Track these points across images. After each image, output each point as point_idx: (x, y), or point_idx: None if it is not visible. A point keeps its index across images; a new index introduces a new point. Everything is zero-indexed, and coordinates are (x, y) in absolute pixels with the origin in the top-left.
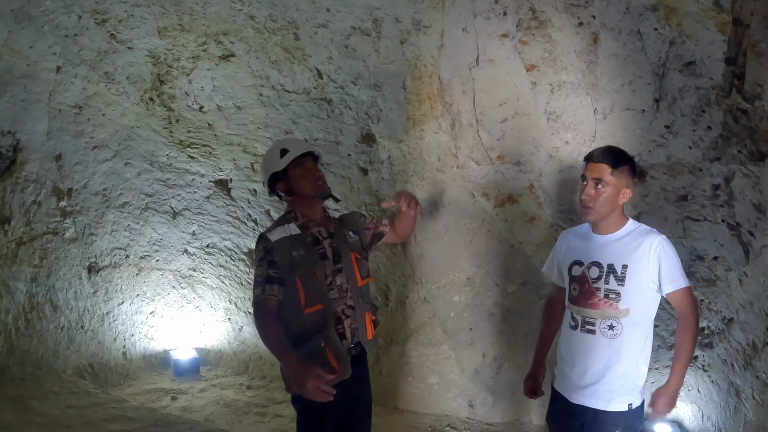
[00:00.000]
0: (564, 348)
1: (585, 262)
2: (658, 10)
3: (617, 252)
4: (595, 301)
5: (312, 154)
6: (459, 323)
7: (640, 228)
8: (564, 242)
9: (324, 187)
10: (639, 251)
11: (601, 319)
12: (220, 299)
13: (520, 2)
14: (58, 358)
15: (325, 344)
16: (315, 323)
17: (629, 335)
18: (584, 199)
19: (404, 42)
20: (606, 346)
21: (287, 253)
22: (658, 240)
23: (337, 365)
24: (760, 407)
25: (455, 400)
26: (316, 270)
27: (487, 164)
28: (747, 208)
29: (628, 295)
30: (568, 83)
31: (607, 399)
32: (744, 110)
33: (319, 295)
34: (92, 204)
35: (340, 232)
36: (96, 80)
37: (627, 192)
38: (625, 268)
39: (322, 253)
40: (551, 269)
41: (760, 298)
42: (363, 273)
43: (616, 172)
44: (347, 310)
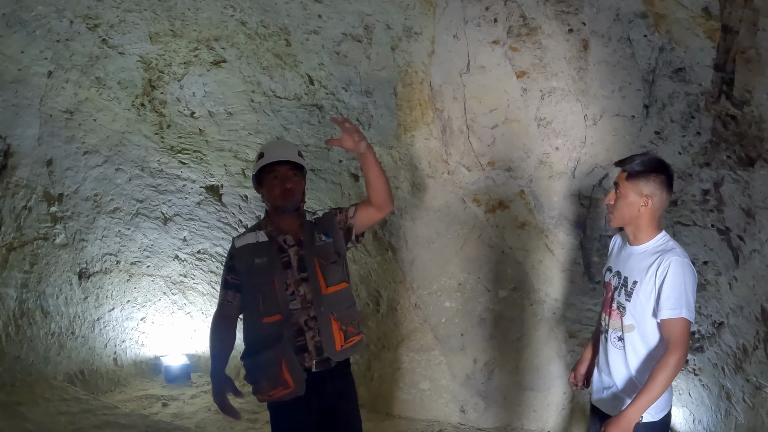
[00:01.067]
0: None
1: (613, 269)
2: (647, 17)
3: (634, 266)
4: (611, 310)
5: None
6: (450, 329)
7: (666, 245)
8: (612, 246)
9: (291, 199)
10: (650, 270)
11: (612, 329)
12: (211, 305)
13: (511, 9)
14: (49, 364)
15: (281, 358)
16: (272, 334)
17: (634, 350)
18: (607, 204)
19: (395, 48)
20: (616, 356)
21: (249, 259)
22: (672, 260)
23: (291, 381)
24: (751, 410)
25: (447, 405)
26: (276, 278)
27: (478, 170)
28: (736, 213)
29: (633, 311)
30: (558, 89)
31: (614, 406)
32: (733, 116)
33: (278, 305)
34: (83, 209)
35: (309, 236)
36: (87, 85)
37: (648, 201)
38: (634, 284)
39: (285, 261)
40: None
41: (750, 302)
42: (331, 279)
43: (632, 179)
44: (310, 322)
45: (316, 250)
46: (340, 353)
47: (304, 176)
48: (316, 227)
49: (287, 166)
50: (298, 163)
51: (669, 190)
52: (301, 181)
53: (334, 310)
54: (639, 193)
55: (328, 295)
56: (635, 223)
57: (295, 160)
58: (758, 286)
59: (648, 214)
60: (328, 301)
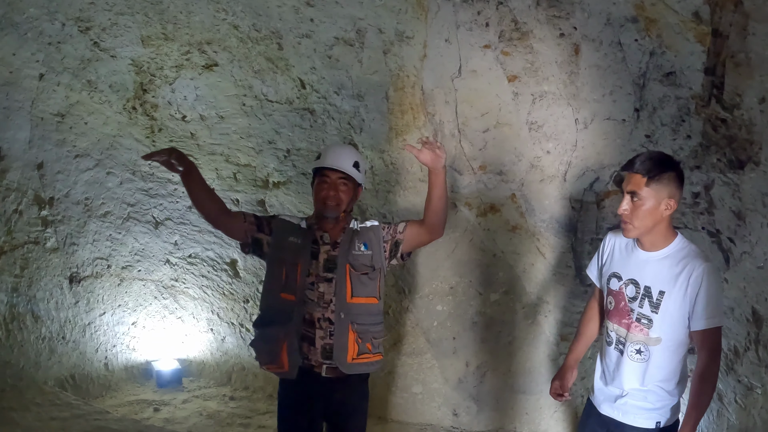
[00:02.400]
0: (599, 360)
1: (623, 277)
2: (638, 22)
3: (657, 274)
4: (628, 322)
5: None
6: (442, 332)
7: (687, 249)
8: (608, 246)
9: (332, 207)
10: (680, 278)
11: (630, 342)
12: (203, 310)
13: (503, 14)
14: (39, 369)
15: (284, 339)
16: (283, 311)
17: (658, 363)
18: (622, 215)
19: (387, 52)
20: (633, 370)
21: (285, 234)
22: (703, 267)
23: (287, 363)
24: (743, 411)
25: (439, 409)
26: (300, 262)
27: (470, 174)
28: (727, 216)
29: (661, 324)
30: (549, 93)
31: (634, 414)
32: (723, 119)
33: (295, 286)
34: (74, 213)
35: (347, 242)
36: (79, 88)
37: (671, 203)
38: (661, 294)
39: (314, 252)
40: (592, 271)
41: (741, 304)
42: (358, 290)
43: (652, 182)
44: (323, 321)
45: (350, 257)
46: (351, 366)
47: (355, 187)
48: (357, 235)
49: (339, 174)
50: (350, 174)
51: (683, 187)
52: (349, 191)
53: (355, 321)
54: (661, 198)
55: (351, 304)
56: (656, 229)
57: (346, 170)
58: (749, 288)
59: (669, 218)
60: (351, 310)
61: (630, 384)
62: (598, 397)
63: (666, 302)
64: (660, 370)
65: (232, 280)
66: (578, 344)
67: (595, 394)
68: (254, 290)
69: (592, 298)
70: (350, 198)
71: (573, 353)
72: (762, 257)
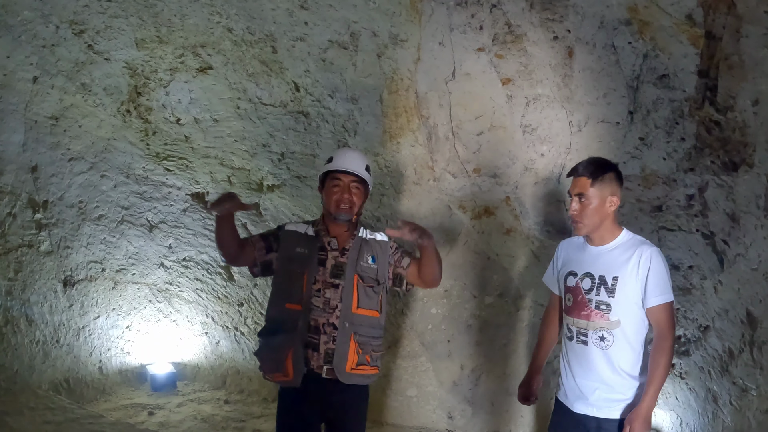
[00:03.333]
0: (564, 358)
1: (579, 272)
2: (631, 24)
3: (609, 263)
4: (588, 312)
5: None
6: (437, 335)
7: (633, 239)
8: (561, 252)
9: (345, 210)
10: (630, 263)
11: (593, 330)
12: (197, 313)
13: (496, 17)
14: (33, 372)
15: (289, 347)
16: (289, 321)
17: (621, 346)
18: (572, 215)
19: (381, 55)
20: (599, 357)
21: (292, 245)
22: (650, 251)
23: (291, 372)
24: (738, 413)
25: (434, 412)
26: (307, 271)
27: (464, 177)
28: (721, 218)
29: (619, 306)
30: (543, 96)
31: (608, 407)
32: (717, 122)
33: (301, 296)
34: (68, 216)
35: (356, 251)
36: (73, 91)
37: (613, 200)
38: (615, 279)
39: (321, 259)
40: (550, 278)
41: (735, 306)
42: (364, 302)
43: (596, 183)
44: (327, 327)
45: (359, 268)
46: (348, 375)
47: (366, 191)
48: (366, 246)
49: (351, 177)
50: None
51: (622, 185)
52: (361, 195)
53: (358, 332)
54: (605, 196)
55: (356, 314)
56: (603, 225)
57: (360, 174)
58: (743, 290)
59: (613, 214)
60: (355, 320)
61: (599, 372)
62: (569, 397)
63: (620, 286)
64: (624, 354)
65: (227, 284)
66: (540, 350)
67: (565, 395)
68: (248, 293)
69: (550, 306)
70: (362, 202)
71: (536, 360)
72: (756, 259)
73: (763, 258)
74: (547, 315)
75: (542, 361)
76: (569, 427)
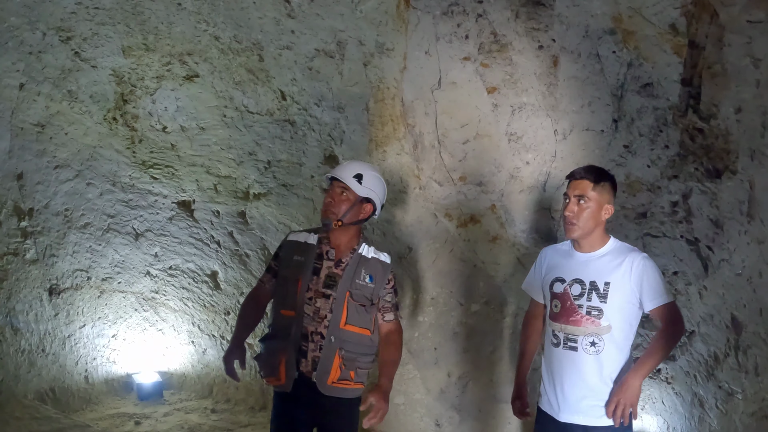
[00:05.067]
0: (547, 366)
1: (567, 279)
2: (616, 34)
3: (599, 269)
4: (577, 318)
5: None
6: (423, 343)
7: (622, 246)
8: (545, 259)
9: (327, 215)
10: (621, 269)
11: (583, 336)
12: (183, 322)
13: (482, 26)
14: (19, 382)
15: (283, 353)
16: (284, 327)
17: (611, 351)
18: (568, 216)
19: (368, 64)
20: (589, 363)
21: (291, 254)
22: (640, 258)
23: (284, 376)
24: (724, 416)
25: (422, 419)
26: (301, 278)
27: (450, 185)
28: (705, 224)
29: (610, 311)
30: (528, 105)
31: (596, 415)
32: (700, 129)
33: (294, 302)
34: (53, 224)
35: (354, 267)
36: (59, 98)
37: (609, 208)
38: (607, 285)
39: (316, 268)
40: (530, 285)
41: (720, 311)
42: (354, 319)
43: (597, 188)
44: (315, 335)
45: (352, 285)
46: (329, 388)
47: (355, 199)
48: (365, 263)
49: (339, 183)
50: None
51: (616, 196)
52: (347, 202)
53: (344, 347)
54: (602, 202)
55: (343, 330)
56: (595, 232)
57: (343, 179)
58: (728, 295)
59: (604, 223)
60: (342, 336)
61: (588, 379)
62: (554, 407)
63: (612, 291)
64: (613, 362)
65: (213, 292)
66: (523, 361)
67: (550, 404)
68: (235, 302)
69: (530, 315)
70: (348, 208)
71: (521, 371)
72: (740, 264)
73: (746, 263)
74: (528, 324)
75: (527, 372)
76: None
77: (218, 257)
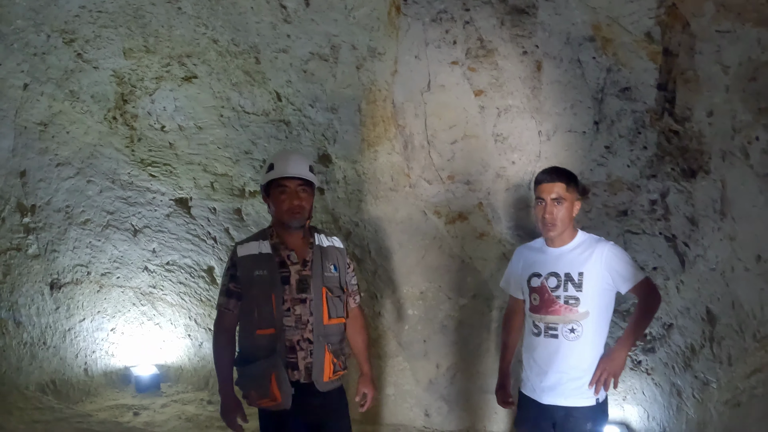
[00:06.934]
0: (528, 354)
1: (543, 273)
2: (595, 41)
3: (572, 261)
4: (556, 308)
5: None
6: (413, 336)
7: (590, 238)
8: (520, 257)
9: (298, 216)
10: (592, 258)
11: (562, 324)
12: (180, 316)
13: (469, 32)
14: (21, 374)
15: (271, 371)
16: (265, 347)
17: (589, 336)
18: (548, 218)
19: (360, 68)
20: (570, 349)
21: (250, 271)
22: (608, 247)
23: (279, 394)
24: (700, 405)
25: (411, 410)
26: (273, 293)
27: (438, 183)
28: (681, 221)
29: (586, 298)
30: (513, 107)
31: (576, 396)
32: (676, 131)
33: (272, 319)
34: (55, 221)
35: (319, 262)
36: (61, 98)
37: (578, 204)
38: (581, 275)
39: (285, 277)
40: (508, 283)
41: (696, 304)
42: (333, 312)
43: (570, 188)
44: (303, 342)
45: (325, 281)
46: (327, 384)
47: (313, 191)
48: (326, 254)
49: (297, 182)
50: (307, 179)
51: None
52: (309, 197)
53: (330, 341)
54: (574, 200)
55: (327, 326)
56: (568, 227)
57: (305, 177)
58: (703, 289)
59: (573, 218)
60: (327, 332)
61: (569, 363)
62: (537, 391)
63: (586, 280)
64: (592, 346)
65: (209, 287)
66: (506, 353)
67: (533, 389)
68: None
69: (510, 311)
70: (311, 204)
71: (504, 363)
72: (714, 260)
73: (720, 259)
74: (509, 319)
75: (510, 363)
76: (538, 419)
77: (214, 253)
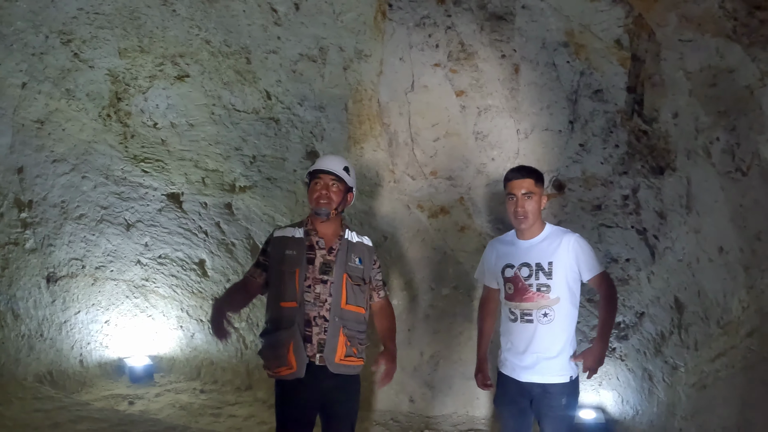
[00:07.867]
0: (506, 338)
1: (515, 264)
2: (569, 46)
3: (542, 252)
4: (530, 295)
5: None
6: (398, 325)
7: (557, 230)
8: (493, 250)
9: (324, 205)
10: (560, 249)
11: (536, 309)
12: (172, 308)
13: (451, 37)
14: (19, 365)
15: (290, 340)
16: (287, 318)
17: (561, 319)
18: (520, 211)
19: (347, 68)
20: (544, 331)
21: (281, 249)
22: (574, 238)
23: (295, 363)
24: (670, 388)
25: (397, 396)
26: (298, 270)
27: (422, 179)
28: (651, 216)
29: (556, 285)
30: (493, 107)
31: (552, 374)
32: (644, 131)
33: (295, 293)
34: (51, 216)
35: (344, 252)
36: (58, 97)
37: (545, 199)
38: (551, 264)
39: (310, 258)
40: (482, 274)
41: (665, 293)
42: (352, 299)
43: (538, 183)
44: (319, 319)
45: (347, 268)
46: (337, 365)
47: (347, 191)
48: (352, 248)
49: (330, 176)
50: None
51: None
52: (339, 192)
53: (346, 325)
54: (542, 194)
55: (344, 310)
56: (537, 219)
57: (336, 172)
58: (671, 279)
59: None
60: (343, 315)
61: (543, 344)
62: (516, 370)
63: (556, 269)
64: (564, 327)
65: (201, 279)
66: (482, 339)
67: (512, 368)
68: (222, 288)
69: (485, 300)
70: (341, 199)
71: (481, 348)
72: (681, 252)
73: (686, 250)
74: (483, 307)
75: (486, 349)
76: (516, 396)
77: (206, 246)
